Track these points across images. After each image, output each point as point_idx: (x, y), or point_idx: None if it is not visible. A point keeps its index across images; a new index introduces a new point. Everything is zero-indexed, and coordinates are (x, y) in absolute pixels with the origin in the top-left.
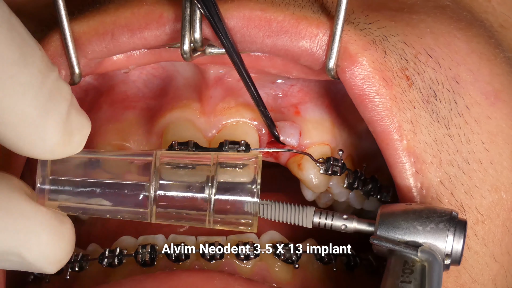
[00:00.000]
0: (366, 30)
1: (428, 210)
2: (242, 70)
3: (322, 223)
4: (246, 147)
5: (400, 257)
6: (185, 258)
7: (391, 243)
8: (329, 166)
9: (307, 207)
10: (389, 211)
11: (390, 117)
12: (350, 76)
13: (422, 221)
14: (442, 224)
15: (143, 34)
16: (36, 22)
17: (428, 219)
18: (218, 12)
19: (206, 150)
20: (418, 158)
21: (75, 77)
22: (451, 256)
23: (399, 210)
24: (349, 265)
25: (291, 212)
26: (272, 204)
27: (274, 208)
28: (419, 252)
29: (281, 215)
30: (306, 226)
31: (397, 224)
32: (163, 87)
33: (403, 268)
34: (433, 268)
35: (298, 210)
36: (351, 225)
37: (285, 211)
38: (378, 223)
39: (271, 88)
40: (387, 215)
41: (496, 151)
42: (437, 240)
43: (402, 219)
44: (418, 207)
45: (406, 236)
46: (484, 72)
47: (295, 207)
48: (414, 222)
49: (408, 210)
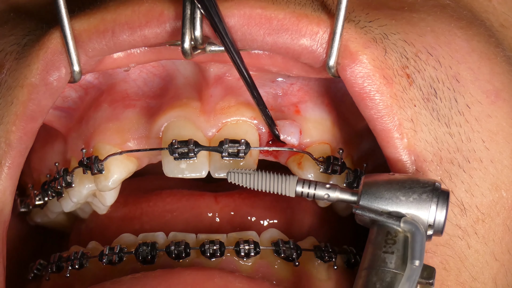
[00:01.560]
0: (367, 28)
1: (411, 180)
2: (242, 69)
3: (305, 193)
4: (246, 146)
5: (382, 228)
6: (186, 256)
7: (373, 213)
8: (329, 165)
9: (290, 176)
10: (372, 181)
11: (390, 115)
12: (350, 74)
13: (405, 191)
14: (425, 195)
15: (144, 31)
16: (37, 20)
17: (411, 189)
18: (218, 11)
19: (206, 149)
20: (418, 156)
21: (76, 74)
22: (433, 226)
23: (382, 180)
24: (349, 262)
25: (274, 181)
26: (255, 174)
27: (257, 177)
28: (402, 222)
29: (264, 184)
30: (289, 195)
31: (380, 194)
32: (163, 85)
33: (386, 238)
34: (416, 239)
35: (281, 179)
36: (333, 194)
37: (267, 180)
38: (361, 193)
39: (271, 86)
40: (370, 185)
41: (497, 150)
42: (420, 211)
43: (385, 189)
44: (401, 177)
45: (389, 207)
46: (484, 70)
47: (278, 176)
48: (397, 193)
49: (392, 180)
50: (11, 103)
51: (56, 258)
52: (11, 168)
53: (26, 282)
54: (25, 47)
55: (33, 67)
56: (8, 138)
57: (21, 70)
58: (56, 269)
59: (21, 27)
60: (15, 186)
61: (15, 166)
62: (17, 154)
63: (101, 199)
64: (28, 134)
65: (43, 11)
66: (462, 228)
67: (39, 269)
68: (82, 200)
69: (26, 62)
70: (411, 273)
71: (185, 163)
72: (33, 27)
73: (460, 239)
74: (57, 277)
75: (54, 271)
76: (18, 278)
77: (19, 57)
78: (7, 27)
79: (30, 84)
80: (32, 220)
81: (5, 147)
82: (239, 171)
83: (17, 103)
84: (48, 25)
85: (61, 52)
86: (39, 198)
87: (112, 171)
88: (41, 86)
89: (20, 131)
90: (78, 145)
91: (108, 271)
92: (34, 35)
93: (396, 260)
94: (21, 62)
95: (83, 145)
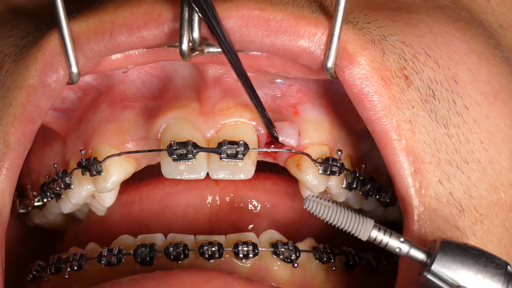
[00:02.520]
0: (365, 29)
1: (486, 258)
2: (239, 71)
3: (378, 239)
4: (244, 147)
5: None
6: (184, 257)
7: (444, 283)
8: (328, 166)
9: (367, 219)
10: (449, 248)
11: (388, 116)
12: (348, 76)
13: (479, 268)
14: (497, 277)
15: (142, 33)
16: (35, 21)
17: (485, 268)
18: (215, 13)
19: (205, 150)
20: (416, 158)
21: (74, 76)
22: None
23: (459, 250)
24: (348, 264)
25: (350, 220)
26: (333, 207)
27: (334, 211)
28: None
29: (340, 220)
30: (361, 238)
31: (454, 265)
32: (162, 87)
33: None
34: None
35: (358, 219)
36: (405, 249)
37: (344, 217)
38: (435, 258)
39: (270, 88)
40: (446, 251)
41: (495, 151)
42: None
43: (460, 261)
44: (476, 252)
45: (460, 280)
46: (483, 72)
47: (355, 216)
48: (471, 268)
49: (467, 253)
50: (10, 105)
51: (54, 260)
52: (9, 169)
53: (25, 283)
54: (24, 49)
55: (31, 69)
56: (6, 140)
57: (19, 72)
58: (55, 270)
59: (20, 28)
60: (13, 188)
61: (14, 168)
62: (16, 155)
63: (100, 200)
64: (27, 135)
65: (41, 12)
66: (461, 229)
67: (38, 270)
68: (81, 201)
69: (24, 64)
70: None
71: (184, 164)
72: (31, 29)
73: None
74: (55, 278)
75: (52, 272)
76: (17, 279)
77: (18, 59)
78: (6, 28)
79: (29, 86)
80: (31, 221)
81: (4, 149)
82: (318, 200)
83: (15, 104)
84: (47, 26)
85: (59, 54)
86: (38, 199)
87: (111, 173)
88: (39, 88)
89: (18, 132)
90: (77, 146)
91: (106, 272)
92: (33, 36)
93: None
94: (20, 64)
95: (82, 147)
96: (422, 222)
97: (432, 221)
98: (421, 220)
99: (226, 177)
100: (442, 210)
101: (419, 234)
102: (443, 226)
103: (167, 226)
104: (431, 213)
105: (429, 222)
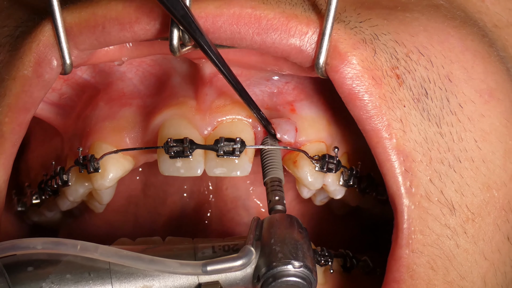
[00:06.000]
0: (357, 28)
1: None
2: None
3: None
4: (241, 144)
5: None
6: None
7: None
8: (325, 164)
9: None
10: None
11: (379, 115)
12: (339, 75)
13: None
14: None
15: (133, 28)
16: (29, 10)
17: None
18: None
19: (202, 148)
20: (407, 156)
21: (67, 67)
22: None
23: None
24: (345, 266)
25: None
26: None
27: None
28: None
29: None
30: None
31: None
32: (159, 84)
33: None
34: None
35: None
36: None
37: None
38: None
39: (266, 85)
40: None
41: (489, 149)
42: None
43: None
44: None
45: None
46: (478, 70)
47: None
48: None
49: None
50: (4, 95)
51: None
52: (5, 158)
53: None
54: (18, 39)
55: (25, 60)
56: (1, 130)
57: (13, 63)
58: None
59: (14, 17)
60: (8, 175)
61: (8, 156)
62: (10, 144)
63: (98, 198)
64: (21, 125)
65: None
66: (451, 228)
67: None
68: (79, 198)
69: (18, 55)
70: None
71: (181, 161)
72: (25, 18)
73: (448, 239)
74: None
75: None
76: None
77: (12, 49)
78: (1, 17)
79: (23, 77)
80: (29, 219)
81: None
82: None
83: (10, 95)
84: (40, 16)
85: (53, 45)
86: (36, 197)
87: (108, 170)
88: (33, 79)
89: (13, 122)
90: (75, 144)
91: None
92: (26, 26)
93: None
94: (14, 55)
95: (80, 144)
96: (412, 221)
97: (422, 220)
98: (411, 218)
99: (223, 174)
100: (433, 209)
101: (409, 232)
102: (434, 224)
103: (165, 229)
104: (421, 211)
105: (419, 220)
